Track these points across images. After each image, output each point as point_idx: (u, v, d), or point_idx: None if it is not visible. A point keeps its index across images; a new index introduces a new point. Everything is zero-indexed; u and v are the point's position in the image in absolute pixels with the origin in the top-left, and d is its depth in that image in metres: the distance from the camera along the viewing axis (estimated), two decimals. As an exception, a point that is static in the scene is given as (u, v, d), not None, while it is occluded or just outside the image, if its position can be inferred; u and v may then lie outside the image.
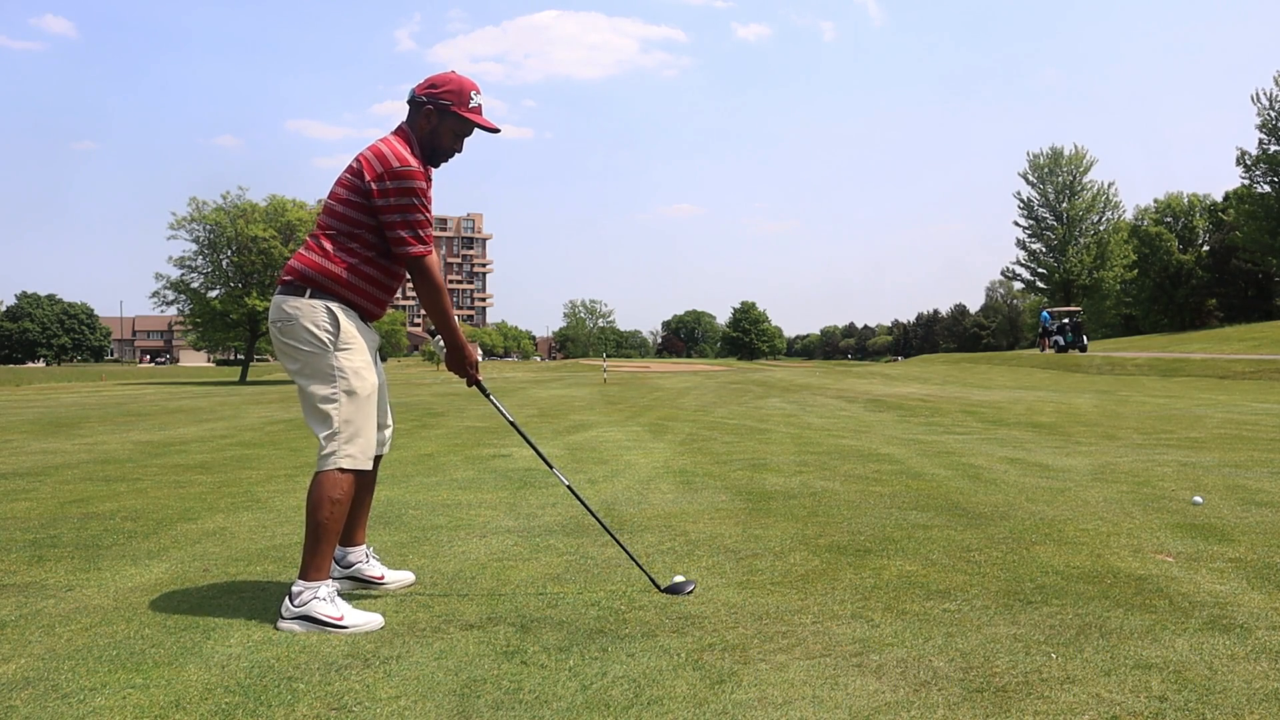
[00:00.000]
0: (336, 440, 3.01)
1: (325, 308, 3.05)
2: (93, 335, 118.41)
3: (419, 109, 3.21)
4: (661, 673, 2.47)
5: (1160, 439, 8.68)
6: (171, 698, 2.31)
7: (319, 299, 3.06)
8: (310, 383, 3.05)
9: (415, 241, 3.10)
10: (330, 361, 3.04)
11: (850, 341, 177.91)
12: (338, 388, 3.03)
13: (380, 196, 3.05)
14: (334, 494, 2.99)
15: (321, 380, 3.04)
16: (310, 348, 3.04)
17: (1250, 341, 35.27)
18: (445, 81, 3.20)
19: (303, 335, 3.05)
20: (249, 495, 5.51)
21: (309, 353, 3.05)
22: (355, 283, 3.10)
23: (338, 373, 3.03)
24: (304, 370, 3.07)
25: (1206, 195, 72.27)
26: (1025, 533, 4.25)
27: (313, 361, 3.05)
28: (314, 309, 3.05)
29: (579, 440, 8.95)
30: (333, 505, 2.98)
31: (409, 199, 3.06)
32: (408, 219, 3.08)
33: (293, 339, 3.06)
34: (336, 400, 3.02)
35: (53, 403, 17.88)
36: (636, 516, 4.73)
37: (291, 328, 3.06)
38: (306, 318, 3.04)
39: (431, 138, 3.21)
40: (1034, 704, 2.24)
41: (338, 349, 3.04)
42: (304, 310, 3.05)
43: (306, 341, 3.04)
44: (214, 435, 9.77)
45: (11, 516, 4.84)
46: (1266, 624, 2.85)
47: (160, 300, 37.88)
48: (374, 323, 3.30)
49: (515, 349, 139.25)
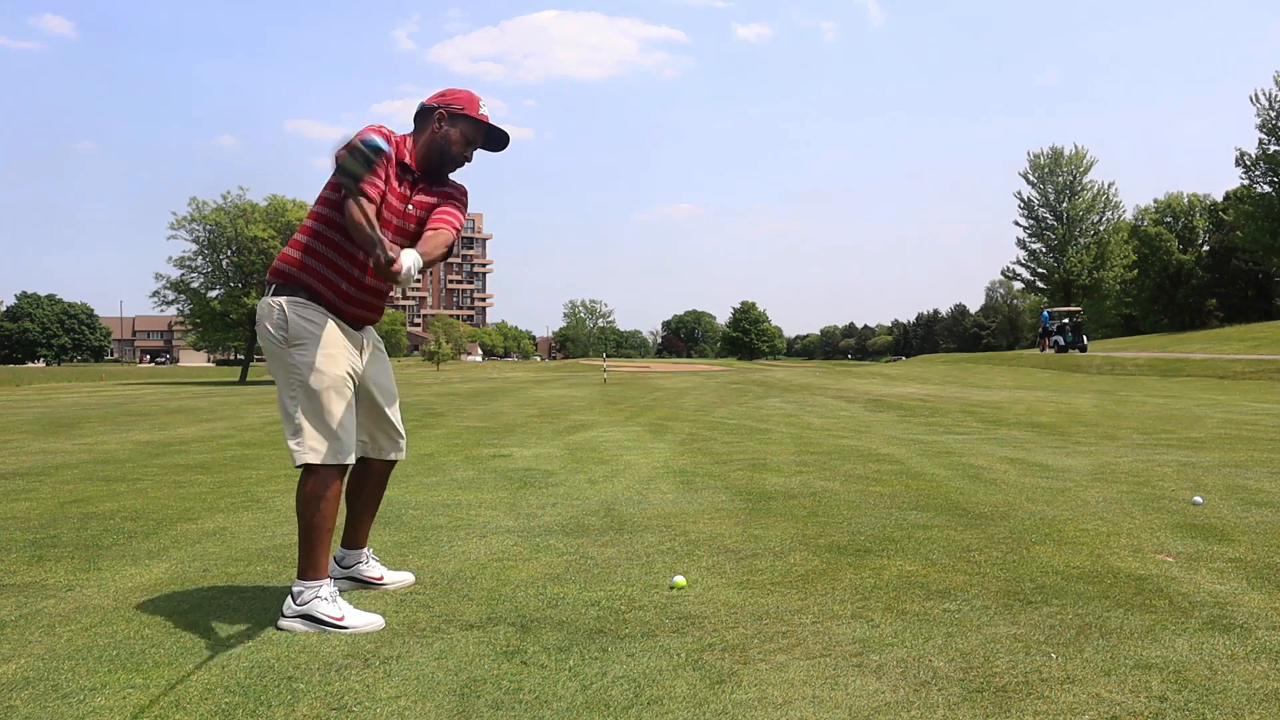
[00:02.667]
0: (300, 436, 3.00)
1: (280, 305, 3.05)
2: (93, 335, 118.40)
3: (428, 116, 3.23)
4: (661, 673, 2.47)
5: (1160, 439, 8.68)
6: (171, 698, 2.31)
7: (279, 296, 3.07)
8: (276, 380, 3.11)
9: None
10: (285, 359, 3.04)
11: (850, 341, 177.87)
12: (294, 383, 3.02)
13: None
14: (315, 490, 2.98)
15: (281, 377, 3.06)
16: (271, 345, 3.07)
17: (1250, 341, 35.28)
18: (455, 92, 3.24)
19: (265, 334, 3.08)
20: (249, 495, 5.51)
21: (270, 351, 3.08)
22: (310, 264, 3.07)
23: (292, 369, 3.02)
24: (270, 368, 3.12)
25: (1206, 195, 72.32)
26: (1025, 533, 4.25)
27: (273, 359, 3.08)
28: (270, 308, 3.07)
29: (579, 440, 8.95)
30: (313, 502, 2.97)
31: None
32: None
33: (260, 339, 3.11)
34: (295, 396, 3.02)
35: (53, 403, 17.88)
36: (636, 516, 4.73)
37: (259, 328, 3.12)
38: (264, 317, 3.08)
39: (442, 144, 3.20)
40: (1034, 704, 2.24)
41: (291, 345, 3.03)
42: (263, 310, 3.09)
43: (267, 340, 3.07)
44: (214, 435, 9.77)
45: (11, 516, 4.84)
46: (1266, 624, 2.85)
47: (160, 300, 37.86)
48: (367, 324, 3.27)
49: (515, 349, 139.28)
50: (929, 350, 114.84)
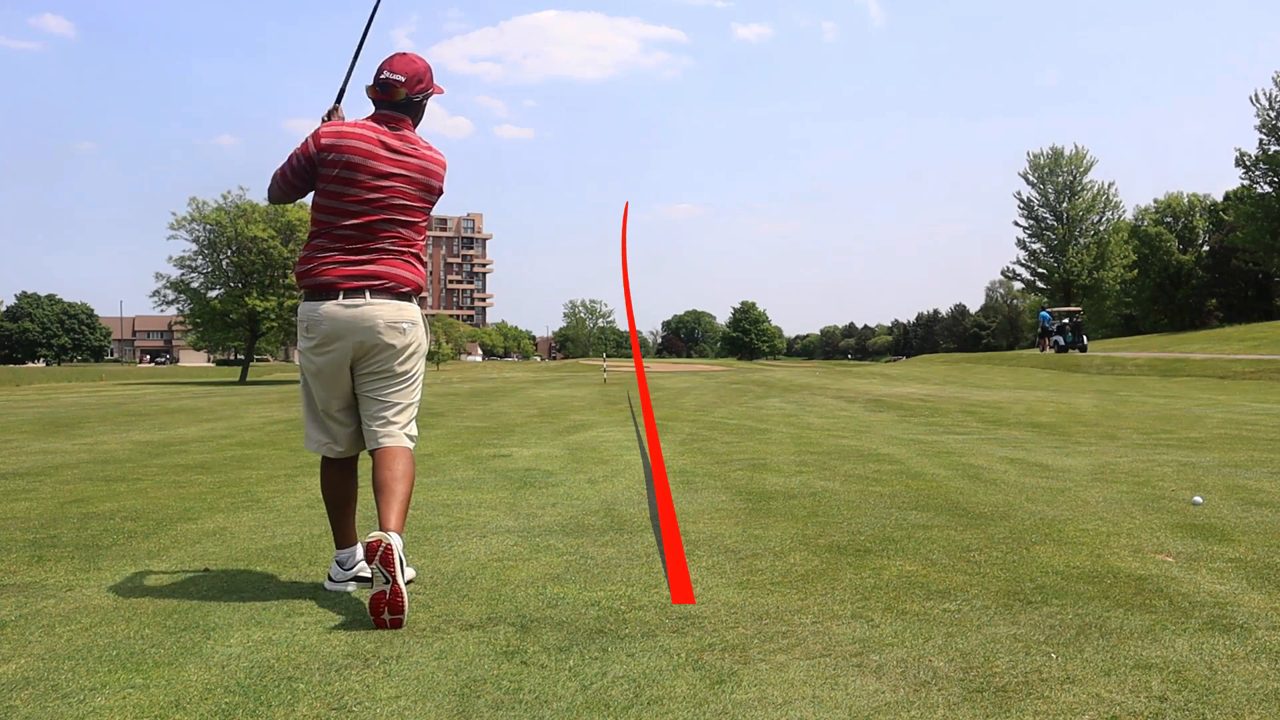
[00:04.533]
0: (414, 422, 3.37)
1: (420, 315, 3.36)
2: (93, 335, 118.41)
3: (419, 108, 3.34)
4: (661, 673, 2.47)
5: (1160, 439, 8.68)
6: (171, 698, 2.31)
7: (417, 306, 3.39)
8: (415, 378, 3.39)
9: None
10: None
11: (850, 341, 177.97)
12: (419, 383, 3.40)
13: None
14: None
15: (419, 376, 3.42)
16: (422, 349, 3.41)
17: (1250, 341, 35.26)
18: (424, 70, 3.30)
19: (418, 339, 3.35)
20: (249, 495, 5.51)
21: (420, 353, 3.38)
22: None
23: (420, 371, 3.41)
24: (414, 369, 3.38)
25: (1206, 195, 72.34)
26: (1025, 533, 4.25)
27: (420, 361, 3.42)
28: (417, 316, 3.34)
29: (579, 440, 8.94)
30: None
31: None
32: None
33: (410, 341, 3.33)
34: (418, 392, 3.41)
35: (53, 403, 17.88)
36: (636, 516, 4.73)
37: (416, 332, 3.37)
38: (416, 323, 3.35)
39: (415, 126, 3.37)
40: (1034, 704, 2.24)
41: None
42: (410, 315, 3.31)
43: (422, 343, 3.40)
44: (214, 435, 9.77)
45: (11, 516, 4.84)
46: (1266, 624, 2.85)
47: (160, 300, 37.87)
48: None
49: (515, 349, 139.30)
50: (929, 350, 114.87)
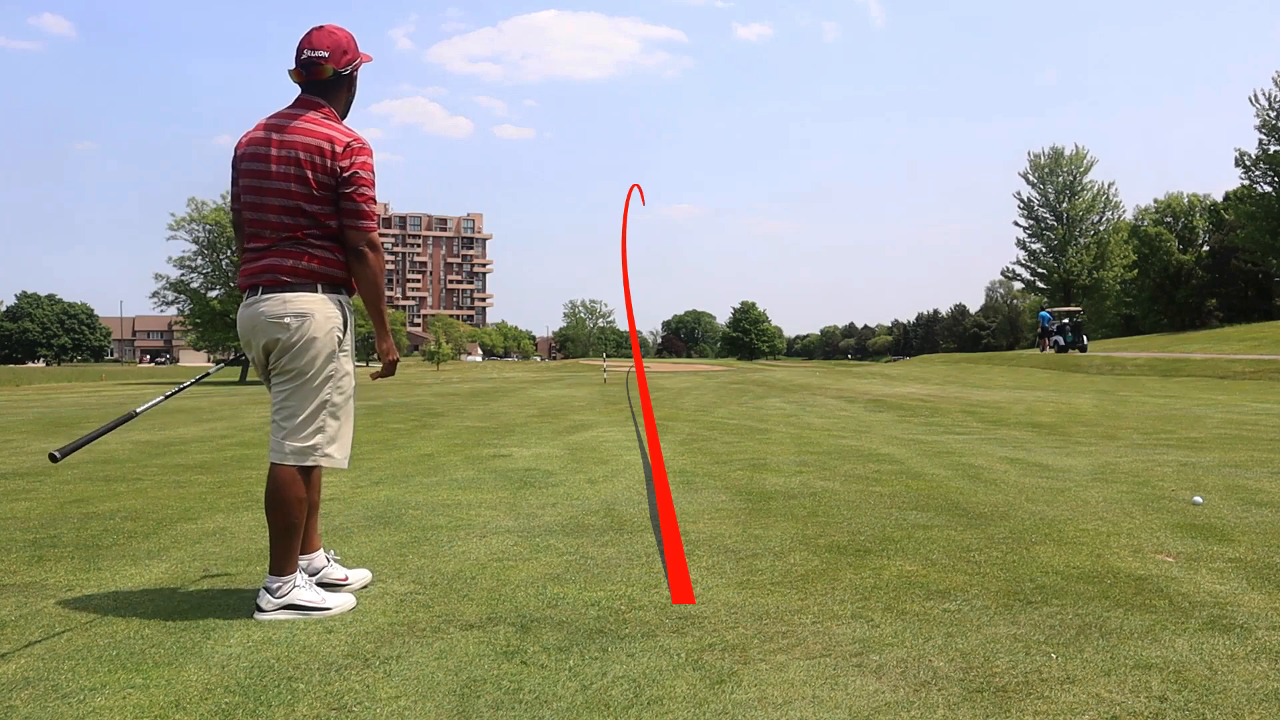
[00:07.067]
0: (325, 434, 3.19)
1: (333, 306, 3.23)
2: (93, 335, 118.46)
3: (350, 81, 3.20)
4: (661, 673, 2.47)
5: (1160, 439, 8.68)
6: (171, 698, 2.31)
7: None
8: (308, 380, 3.21)
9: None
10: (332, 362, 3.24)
11: (850, 341, 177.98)
12: (332, 387, 3.21)
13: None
14: (300, 493, 3.16)
15: (323, 379, 3.22)
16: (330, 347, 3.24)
17: (1250, 341, 35.25)
18: (346, 40, 3.15)
19: (329, 333, 3.20)
20: (249, 495, 5.51)
21: (327, 353, 3.23)
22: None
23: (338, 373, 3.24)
24: (310, 368, 3.23)
25: (1206, 195, 72.26)
26: (1025, 533, 4.25)
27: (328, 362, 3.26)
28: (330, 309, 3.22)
29: (579, 440, 8.94)
30: (302, 503, 3.16)
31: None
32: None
33: (317, 336, 3.20)
34: (328, 399, 3.21)
35: (53, 403, 17.88)
36: (636, 516, 4.73)
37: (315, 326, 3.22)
38: (329, 316, 3.20)
39: (349, 102, 3.26)
40: (1034, 704, 2.24)
41: (341, 350, 3.23)
42: (319, 307, 3.18)
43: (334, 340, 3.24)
44: (214, 435, 9.77)
45: (11, 516, 4.84)
46: (1266, 624, 2.85)
47: (160, 300, 37.95)
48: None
49: (515, 349, 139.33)
50: (929, 350, 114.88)
